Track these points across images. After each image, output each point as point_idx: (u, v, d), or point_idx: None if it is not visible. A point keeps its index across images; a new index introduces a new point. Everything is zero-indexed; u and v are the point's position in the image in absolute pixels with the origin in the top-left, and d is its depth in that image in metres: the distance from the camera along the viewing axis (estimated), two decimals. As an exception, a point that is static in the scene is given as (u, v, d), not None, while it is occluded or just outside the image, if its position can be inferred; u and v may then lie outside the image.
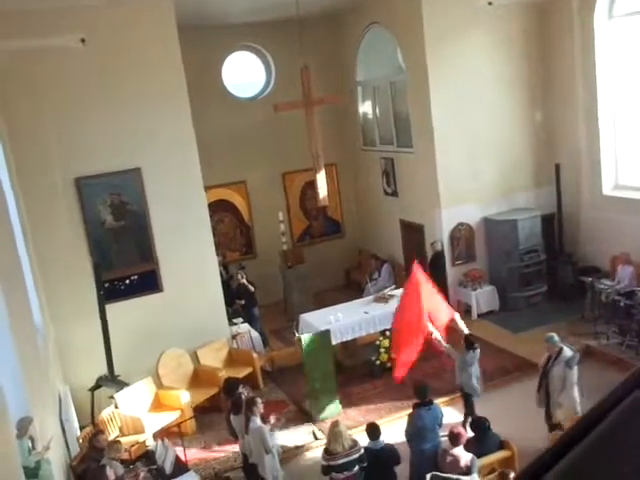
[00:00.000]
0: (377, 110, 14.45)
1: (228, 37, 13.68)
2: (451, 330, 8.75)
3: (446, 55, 11.80)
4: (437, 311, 8.61)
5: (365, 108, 14.94)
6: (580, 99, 12.13)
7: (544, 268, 12.42)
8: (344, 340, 10.36)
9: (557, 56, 12.43)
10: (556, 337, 7.87)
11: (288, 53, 13.16)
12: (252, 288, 12.17)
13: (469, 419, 8.02)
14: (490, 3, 11.92)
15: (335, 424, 7.02)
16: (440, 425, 7.31)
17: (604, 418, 1.22)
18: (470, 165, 12.25)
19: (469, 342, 8.24)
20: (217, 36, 13.34)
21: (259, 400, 7.41)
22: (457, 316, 8.79)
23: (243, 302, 12.19)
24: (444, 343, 8.31)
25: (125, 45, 9.78)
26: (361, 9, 13.41)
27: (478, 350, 8.25)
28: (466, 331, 8.51)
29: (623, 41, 11.41)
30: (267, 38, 14.08)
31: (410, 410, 7.45)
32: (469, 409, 8.38)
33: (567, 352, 7.71)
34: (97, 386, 9.20)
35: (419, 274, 8.78)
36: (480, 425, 7.10)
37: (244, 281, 12.14)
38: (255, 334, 11.60)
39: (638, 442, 1.17)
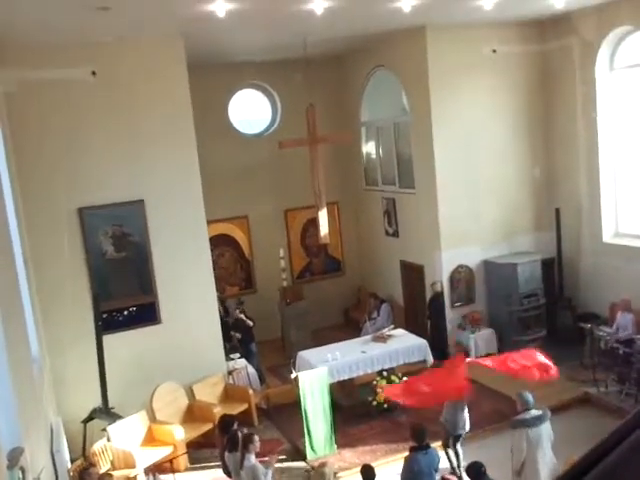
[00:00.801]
0: (380, 150, 14.61)
1: (236, 75, 13.91)
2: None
3: (450, 99, 11.99)
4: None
5: (368, 148, 15.10)
6: (581, 146, 12.28)
7: (543, 313, 12.40)
8: (341, 379, 10.28)
9: (559, 104, 12.63)
10: (530, 397, 7.41)
11: (294, 92, 13.38)
12: (251, 323, 12.12)
13: (462, 464, 7.94)
14: (494, 51, 12.19)
15: (322, 464, 6.95)
16: (437, 470, 7.22)
17: (607, 455, 1.23)
18: (471, 207, 12.34)
19: None
20: (225, 73, 13.57)
21: (256, 438, 7.31)
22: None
23: (239, 336, 12.13)
24: None
25: (134, 79, 9.93)
26: (367, 52, 13.66)
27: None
28: None
29: (624, 92, 11.60)
30: (274, 77, 14.31)
31: (406, 453, 7.36)
32: (445, 445, 8.49)
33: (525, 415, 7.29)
34: (90, 418, 9.09)
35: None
36: (476, 470, 6.99)
37: (241, 316, 12.11)
38: (252, 370, 11.52)
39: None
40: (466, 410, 8.42)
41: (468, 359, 9.04)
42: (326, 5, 8.31)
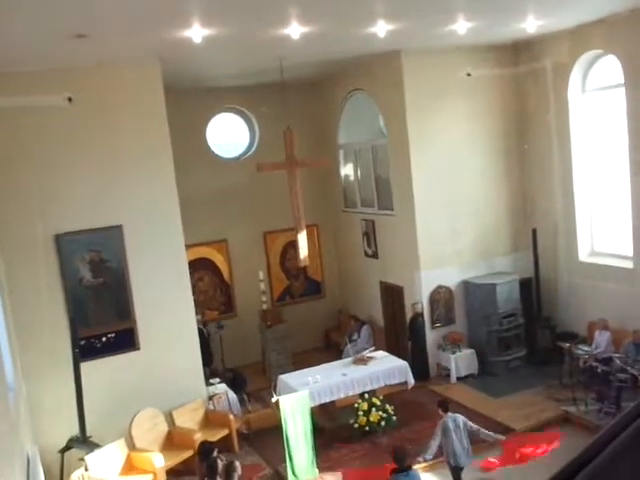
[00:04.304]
0: (359, 173, 14.71)
1: (213, 99, 13.96)
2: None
3: (426, 121, 12.14)
4: None
5: (347, 170, 15.20)
6: (555, 167, 12.48)
7: (523, 332, 12.48)
8: (322, 402, 10.24)
9: (533, 125, 12.84)
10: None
11: (272, 115, 13.45)
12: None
13: None
14: (469, 74, 12.39)
15: None
16: (418, 492, 7.17)
17: (612, 442, 1.23)
18: (450, 229, 12.44)
19: (444, 406, 8.22)
20: (202, 98, 13.61)
21: (238, 465, 7.23)
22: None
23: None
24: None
25: (111, 104, 9.92)
26: (344, 76, 13.81)
27: (458, 416, 8.19)
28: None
29: (596, 113, 11.83)
30: (251, 101, 14.39)
31: (388, 476, 7.32)
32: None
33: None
34: (68, 447, 8.95)
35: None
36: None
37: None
38: (232, 395, 11.41)
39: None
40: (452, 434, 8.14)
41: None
42: (302, 30, 8.40)
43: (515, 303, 12.37)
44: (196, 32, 7.78)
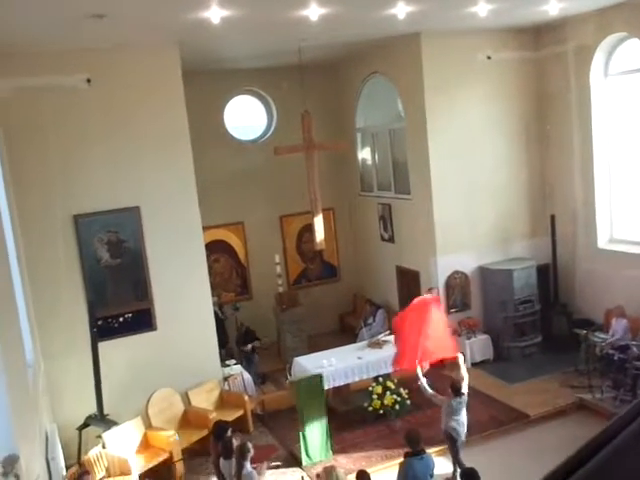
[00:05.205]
0: (376, 156, 14.64)
1: (231, 81, 13.94)
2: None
3: (445, 104, 12.03)
4: (439, 340, 8.66)
5: (364, 154, 15.13)
6: (576, 152, 12.33)
7: (539, 319, 12.41)
8: (337, 385, 10.28)
9: (554, 109, 12.68)
10: None
11: (290, 98, 13.41)
12: (257, 344, 12.44)
13: (458, 471, 7.93)
14: (489, 57, 12.24)
15: (332, 467, 6.96)
16: (432, 475, 7.20)
17: (614, 438, 1.23)
18: (467, 213, 12.37)
19: (456, 389, 8.25)
20: (220, 80, 13.60)
21: (250, 445, 7.31)
22: (461, 358, 8.77)
23: (252, 346, 12.39)
24: (423, 380, 8.38)
25: (130, 86, 9.94)
26: (362, 58, 13.70)
27: (465, 397, 8.26)
28: (466, 376, 8.48)
29: (619, 98, 11.66)
30: (269, 83, 14.35)
31: (401, 459, 7.36)
32: (455, 455, 8.37)
33: None
34: (85, 425, 9.08)
35: (435, 303, 8.97)
36: (471, 476, 6.99)
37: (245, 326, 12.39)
38: (247, 376, 11.50)
39: None
40: (458, 415, 8.32)
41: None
42: (321, 11, 8.33)
43: (532, 289, 12.30)
44: (214, 13, 7.75)
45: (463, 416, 8.30)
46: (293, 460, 9.54)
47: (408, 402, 10.35)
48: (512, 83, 12.62)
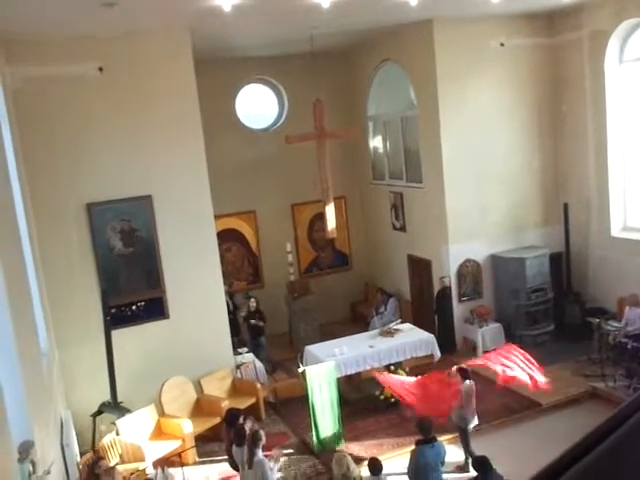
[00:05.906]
0: (387, 145, 14.58)
1: (242, 69, 13.91)
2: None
3: (457, 92, 11.95)
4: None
5: (375, 142, 15.08)
6: (590, 140, 12.22)
7: (551, 307, 12.37)
8: (348, 373, 10.31)
9: (568, 97, 12.56)
10: None
11: (301, 86, 13.37)
12: (261, 323, 12.36)
13: (470, 459, 7.95)
14: (502, 44, 12.14)
15: (343, 453, 7.03)
16: (443, 463, 7.24)
17: (615, 431, 1.23)
18: (479, 202, 12.31)
19: (464, 372, 8.32)
20: (232, 68, 13.57)
21: (262, 433, 7.36)
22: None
23: (261, 324, 12.42)
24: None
25: (141, 74, 9.94)
26: (374, 46, 13.62)
27: (472, 383, 8.33)
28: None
29: (633, 84, 11.53)
30: (281, 71, 14.30)
31: (413, 446, 7.38)
32: (465, 443, 8.47)
33: None
34: (99, 412, 9.17)
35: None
36: (483, 464, 6.99)
37: (253, 304, 12.36)
38: (259, 364, 11.56)
39: None
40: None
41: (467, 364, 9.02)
42: (333, -1, 8.29)
43: (544, 277, 12.24)
44: (226, 0, 7.72)
45: (472, 404, 8.37)
46: (305, 448, 9.59)
47: (420, 390, 10.35)
48: (525, 70, 12.50)
